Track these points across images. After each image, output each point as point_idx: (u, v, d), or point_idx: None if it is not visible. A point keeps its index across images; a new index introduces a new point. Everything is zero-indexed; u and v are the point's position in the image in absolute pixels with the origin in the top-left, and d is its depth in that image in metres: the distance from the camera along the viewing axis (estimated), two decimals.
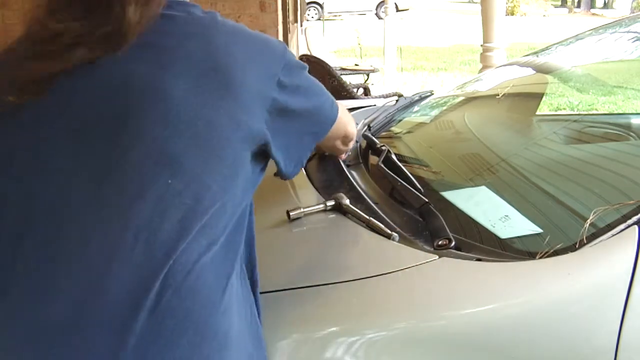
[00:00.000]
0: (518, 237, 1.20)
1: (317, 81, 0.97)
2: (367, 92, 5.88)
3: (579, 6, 27.02)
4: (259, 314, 0.93)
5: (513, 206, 1.30)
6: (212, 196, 0.80)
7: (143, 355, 0.75)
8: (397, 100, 2.16)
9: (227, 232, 0.83)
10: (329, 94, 1.01)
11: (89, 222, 0.78)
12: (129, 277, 0.75)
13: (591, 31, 2.25)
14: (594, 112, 2.80)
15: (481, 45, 3.61)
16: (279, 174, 0.99)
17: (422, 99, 2.19)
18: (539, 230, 1.21)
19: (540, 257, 1.08)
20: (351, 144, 1.21)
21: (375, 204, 1.37)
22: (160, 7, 0.82)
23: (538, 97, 2.14)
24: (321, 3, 19.00)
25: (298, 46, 7.89)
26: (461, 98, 2.27)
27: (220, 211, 0.81)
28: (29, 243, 0.80)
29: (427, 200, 1.31)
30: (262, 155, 0.90)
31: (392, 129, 1.98)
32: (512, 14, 21.37)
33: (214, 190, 0.80)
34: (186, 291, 0.77)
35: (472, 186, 1.47)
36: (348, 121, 1.17)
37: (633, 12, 20.61)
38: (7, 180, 0.82)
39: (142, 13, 0.79)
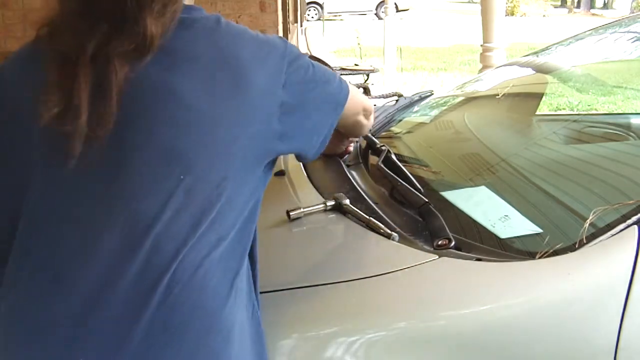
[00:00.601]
0: (518, 237, 1.20)
1: (318, 64, 0.98)
2: (367, 92, 5.88)
3: (578, 6, 26.99)
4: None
5: (513, 206, 1.31)
6: (220, 193, 0.82)
7: (150, 346, 0.77)
8: (397, 100, 2.16)
9: (236, 228, 0.85)
10: (333, 72, 1.02)
11: (98, 220, 0.79)
12: (138, 273, 0.77)
13: (591, 31, 2.25)
14: (594, 112, 2.80)
15: (481, 45, 3.61)
16: (302, 159, 1.01)
17: (422, 99, 2.19)
18: (538, 230, 1.21)
19: (540, 257, 1.08)
20: (372, 117, 1.21)
21: (375, 204, 1.37)
22: (177, 15, 0.83)
23: (538, 97, 2.14)
24: (321, 3, 18.97)
25: (298, 46, 7.89)
26: (461, 98, 2.27)
27: (228, 208, 0.83)
28: (36, 243, 0.82)
29: (427, 200, 1.31)
30: (271, 153, 0.91)
31: (392, 129, 1.98)
32: (512, 14, 21.35)
33: (222, 187, 0.82)
34: (195, 286, 0.79)
35: (472, 186, 1.47)
36: (362, 96, 1.18)
37: (633, 12, 20.61)
38: (28, 178, 0.83)
39: (161, 25, 0.80)
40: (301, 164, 1.59)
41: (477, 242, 1.19)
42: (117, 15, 0.78)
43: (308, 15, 17.14)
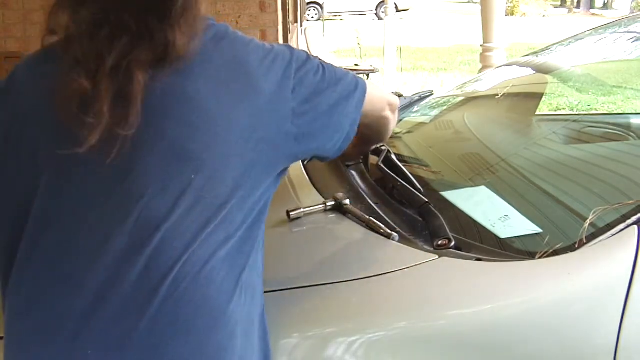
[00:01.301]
0: (518, 237, 1.20)
1: (329, 65, 0.98)
2: None
3: (578, 6, 26.98)
4: None
5: (513, 206, 1.31)
6: (231, 193, 0.83)
7: (155, 341, 0.78)
8: None
9: (244, 228, 0.85)
10: (345, 71, 1.02)
11: (108, 220, 0.80)
12: (142, 271, 0.78)
13: (591, 31, 2.25)
14: (594, 112, 2.80)
15: (481, 46, 3.61)
16: (323, 159, 1.04)
17: (422, 99, 2.19)
18: (538, 230, 1.21)
19: (540, 257, 1.08)
20: (397, 112, 1.19)
21: (375, 204, 1.37)
22: (199, 27, 0.84)
23: (538, 97, 2.15)
24: (321, 3, 18.97)
25: (298, 46, 7.89)
26: (461, 98, 2.27)
27: (239, 207, 0.84)
28: (44, 242, 0.82)
29: (427, 200, 1.32)
30: (289, 156, 0.92)
31: None
32: (512, 14, 21.34)
33: (233, 187, 0.83)
34: (201, 282, 0.80)
35: (472, 186, 1.47)
36: (385, 91, 1.17)
37: (633, 12, 20.59)
38: (37, 177, 0.84)
39: (185, 37, 0.81)
40: (301, 164, 1.59)
41: (477, 242, 1.19)
42: (138, 28, 0.79)
43: (308, 15, 17.14)
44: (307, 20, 14.30)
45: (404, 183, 1.41)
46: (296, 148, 0.92)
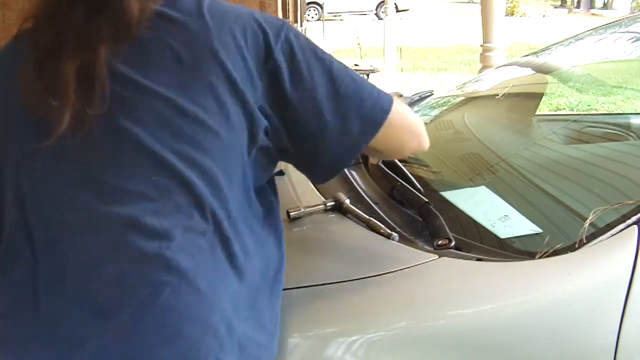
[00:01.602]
0: (518, 237, 1.20)
1: (343, 66, 0.88)
2: None
3: (578, 6, 26.98)
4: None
5: (513, 206, 1.31)
6: (201, 192, 0.79)
7: (152, 343, 0.74)
8: None
9: (223, 227, 0.81)
10: (371, 85, 0.90)
11: (81, 222, 0.78)
12: (120, 272, 0.75)
13: (591, 31, 2.26)
14: (594, 112, 2.80)
15: (481, 46, 3.61)
16: (309, 177, 0.95)
17: (422, 99, 2.19)
18: (538, 230, 1.21)
19: (540, 257, 1.08)
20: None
21: (375, 204, 1.37)
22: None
23: (538, 97, 2.15)
24: (321, 3, 18.97)
25: None
26: (461, 98, 2.27)
27: (212, 207, 0.80)
28: (35, 240, 0.80)
29: (427, 200, 1.32)
30: (266, 150, 0.87)
31: None
32: (512, 14, 21.33)
33: (200, 186, 0.79)
34: (183, 287, 0.76)
35: (472, 186, 1.47)
36: (419, 127, 0.99)
37: (633, 12, 20.59)
38: (24, 178, 0.83)
39: (140, 5, 0.79)
40: None
41: (477, 242, 1.19)
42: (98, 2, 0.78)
43: (308, 15, 17.12)
44: (307, 20, 14.29)
45: (404, 183, 1.41)
46: (277, 149, 0.86)
